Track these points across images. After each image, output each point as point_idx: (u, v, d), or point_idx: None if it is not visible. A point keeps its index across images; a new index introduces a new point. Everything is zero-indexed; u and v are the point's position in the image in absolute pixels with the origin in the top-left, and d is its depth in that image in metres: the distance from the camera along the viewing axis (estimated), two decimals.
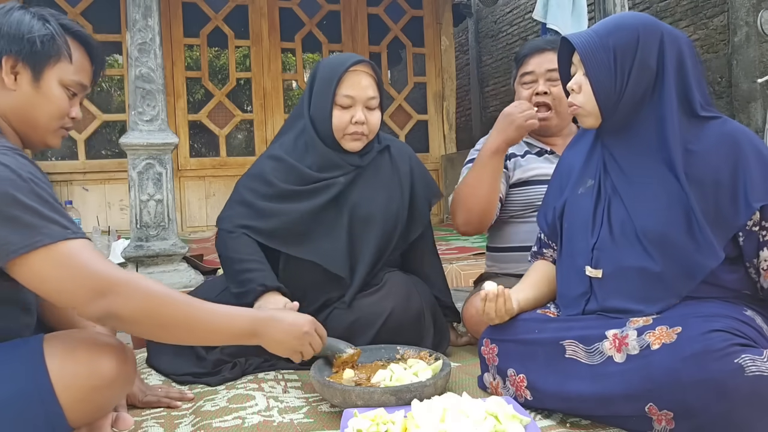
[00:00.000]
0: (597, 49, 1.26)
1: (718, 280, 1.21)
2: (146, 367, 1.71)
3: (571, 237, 1.38)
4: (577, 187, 1.41)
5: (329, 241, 1.69)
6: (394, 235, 1.75)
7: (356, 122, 1.68)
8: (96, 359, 1.04)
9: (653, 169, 1.25)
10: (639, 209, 1.24)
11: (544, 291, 1.47)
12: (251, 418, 1.32)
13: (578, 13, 3.65)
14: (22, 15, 1.09)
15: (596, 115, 1.30)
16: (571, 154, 1.50)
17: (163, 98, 2.63)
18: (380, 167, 1.79)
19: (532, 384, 1.28)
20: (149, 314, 1.04)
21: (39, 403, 1.00)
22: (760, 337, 1.12)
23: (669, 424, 1.09)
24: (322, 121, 1.71)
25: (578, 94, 1.31)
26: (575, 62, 1.33)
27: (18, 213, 0.95)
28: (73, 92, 1.15)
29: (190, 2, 5.12)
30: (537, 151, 1.92)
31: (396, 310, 1.61)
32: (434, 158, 5.87)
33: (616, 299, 1.25)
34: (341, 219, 1.70)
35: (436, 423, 1.08)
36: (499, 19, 7.96)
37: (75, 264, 0.97)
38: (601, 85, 1.26)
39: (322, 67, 1.75)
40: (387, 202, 1.75)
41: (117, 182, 4.75)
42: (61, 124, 1.15)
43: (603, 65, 1.25)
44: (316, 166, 1.73)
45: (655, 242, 1.21)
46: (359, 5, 5.63)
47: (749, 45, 4.66)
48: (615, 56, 1.25)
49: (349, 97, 1.68)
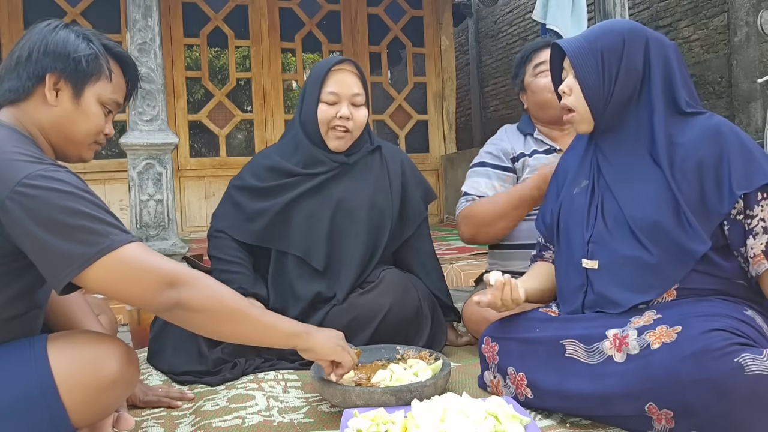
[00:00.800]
0: (585, 53, 1.31)
1: (716, 269, 1.22)
2: (147, 366, 1.71)
3: (568, 233, 1.41)
4: (572, 188, 1.44)
5: (308, 231, 1.73)
6: (383, 233, 1.77)
7: (341, 117, 1.72)
8: (100, 360, 1.05)
9: (642, 165, 1.29)
10: (630, 202, 1.28)
11: (547, 285, 1.50)
12: (251, 417, 1.32)
13: (578, 14, 3.65)
14: (68, 34, 1.13)
15: (589, 120, 1.35)
16: (568, 158, 1.54)
17: (163, 98, 2.63)
18: (369, 165, 1.83)
19: (532, 382, 1.28)
20: (214, 306, 1.07)
21: (43, 405, 1.00)
22: (760, 337, 1.12)
23: (669, 423, 1.09)
24: (310, 120, 1.76)
25: (570, 96, 1.35)
26: (566, 66, 1.37)
27: (83, 223, 0.98)
28: (109, 110, 1.18)
29: (190, 2, 5.12)
30: (545, 149, 1.93)
31: (394, 307, 1.63)
32: (434, 158, 5.87)
33: (612, 289, 1.27)
34: (325, 211, 1.74)
35: (436, 423, 1.08)
36: (499, 19, 7.96)
37: (144, 262, 1.02)
38: (590, 88, 1.31)
39: (311, 70, 1.82)
40: (373, 198, 1.78)
41: (117, 182, 4.75)
42: (96, 139, 1.18)
43: (591, 68, 1.31)
44: (301, 164, 1.79)
45: (646, 232, 1.23)
46: (359, 5, 5.63)
47: (749, 45, 4.66)
48: (602, 59, 1.31)
49: (334, 93, 1.73)
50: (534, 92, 1.94)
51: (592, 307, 1.31)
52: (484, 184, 1.91)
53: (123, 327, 2.20)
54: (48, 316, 1.27)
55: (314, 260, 1.71)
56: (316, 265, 1.70)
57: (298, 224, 1.73)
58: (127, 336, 2.04)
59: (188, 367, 1.62)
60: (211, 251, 1.81)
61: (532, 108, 1.98)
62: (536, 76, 1.92)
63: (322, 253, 1.71)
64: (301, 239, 1.72)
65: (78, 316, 1.30)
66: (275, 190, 1.77)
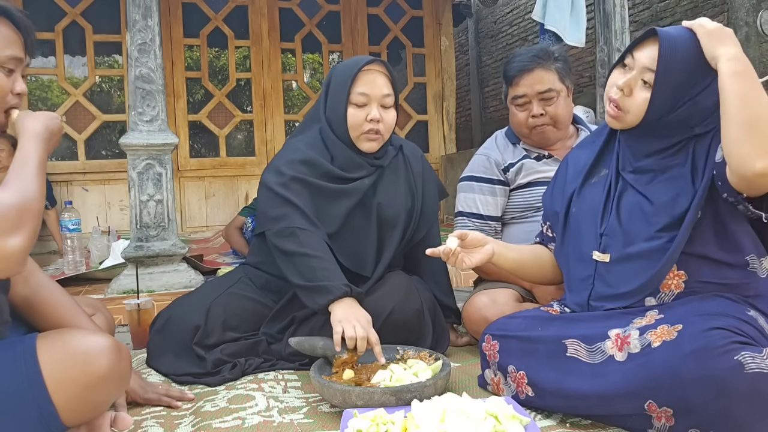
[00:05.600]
0: (675, 62, 1.22)
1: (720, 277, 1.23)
2: (146, 367, 1.71)
3: (579, 224, 1.41)
4: (589, 178, 1.44)
5: (358, 244, 1.70)
6: (407, 233, 1.77)
7: (371, 120, 1.66)
8: (89, 357, 1.04)
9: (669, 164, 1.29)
10: (651, 197, 1.28)
11: (528, 260, 1.54)
12: (251, 418, 1.32)
13: (577, 14, 3.65)
14: None
15: (634, 122, 1.30)
16: (581, 152, 1.53)
17: (163, 98, 2.63)
18: (397, 168, 1.80)
19: (533, 380, 1.28)
20: None
21: (32, 403, 0.99)
22: (760, 337, 1.12)
23: (669, 421, 1.09)
24: (338, 122, 1.70)
25: (627, 98, 1.29)
26: (640, 63, 1.27)
27: None
28: (9, 68, 1.10)
29: (190, 2, 5.12)
30: (536, 155, 1.93)
31: (396, 309, 1.62)
32: (434, 158, 5.87)
33: (622, 283, 1.28)
34: (370, 221, 1.71)
35: (436, 423, 1.08)
36: (499, 19, 7.96)
37: None
38: (659, 105, 1.25)
39: (337, 69, 1.75)
40: (406, 201, 1.77)
41: (117, 182, 4.74)
42: (6, 103, 1.11)
43: (671, 82, 1.22)
44: (338, 165, 1.71)
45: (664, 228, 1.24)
46: (359, 5, 5.63)
47: (749, 45, 4.66)
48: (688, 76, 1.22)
49: (364, 94, 1.66)
50: (512, 120, 1.95)
51: (598, 299, 1.32)
52: (479, 200, 1.92)
53: (123, 327, 2.20)
54: (38, 319, 1.26)
55: (365, 270, 1.69)
56: (368, 274, 1.69)
57: (349, 238, 1.69)
58: (126, 336, 2.03)
59: (188, 368, 1.61)
60: (291, 248, 1.56)
61: (512, 127, 1.98)
62: (516, 107, 1.91)
63: (371, 264, 1.70)
64: (351, 253, 1.69)
65: (69, 317, 1.27)
66: (325, 195, 1.67)
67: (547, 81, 1.84)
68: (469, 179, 1.96)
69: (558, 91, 1.85)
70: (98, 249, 3.20)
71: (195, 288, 2.06)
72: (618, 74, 1.32)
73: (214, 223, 5.05)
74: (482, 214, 1.91)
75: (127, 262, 2.60)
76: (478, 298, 1.76)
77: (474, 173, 1.95)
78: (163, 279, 2.56)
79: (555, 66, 1.86)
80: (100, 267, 2.93)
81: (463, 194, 1.96)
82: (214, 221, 5.06)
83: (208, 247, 4.20)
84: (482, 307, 1.73)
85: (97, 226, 3.33)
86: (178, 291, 2.50)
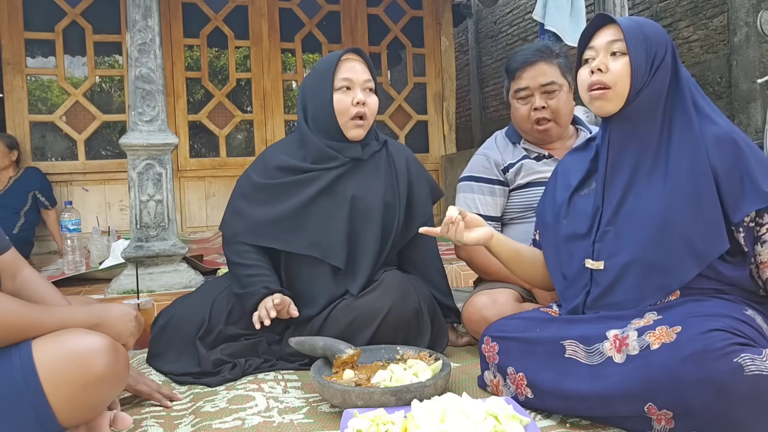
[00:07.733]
0: (637, 32, 1.29)
1: (720, 276, 1.23)
2: (146, 367, 1.71)
3: (573, 232, 1.40)
4: (580, 189, 1.44)
5: (325, 233, 1.71)
6: (392, 230, 1.76)
7: (357, 102, 1.72)
8: (85, 357, 1.03)
9: (658, 162, 1.28)
10: (642, 201, 1.27)
11: (524, 256, 1.55)
12: (251, 418, 1.32)
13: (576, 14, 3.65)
14: None
15: (622, 97, 1.31)
16: (573, 159, 1.53)
17: (163, 99, 2.63)
18: (378, 161, 1.82)
19: (532, 382, 1.28)
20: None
21: (29, 404, 0.99)
22: (759, 337, 1.12)
23: (668, 423, 1.09)
24: (323, 110, 1.73)
25: (606, 74, 1.31)
26: (601, 45, 1.33)
27: None
28: None
29: (190, 2, 5.12)
30: (535, 156, 1.93)
31: (393, 308, 1.62)
32: (434, 159, 5.87)
33: (618, 290, 1.27)
34: (340, 210, 1.72)
35: (436, 423, 1.08)
36: (499, 19, 7.96)
37: None
38: (638, 66, 1.28)
39: (317, 64, 1.82)
40: (385, 195, 1.77)
41: (117, 182, 4.75)
42: None
43: (641, 48, 1.28)
44: (310, 159, 1.77)
45: (657, 231, 1.23)
46: (359, 5, 5.63)
47: (749, 45, 4.66)
48: (650, 44, 1.29)
49: (347, 79, 1.73)
50: (514, 115, 1.95)
51: (593, 307, 1.31)
52: (479, 201, 1.92)
53: None
54: None
55: (335, 260, 1.69)
56: (338, 264, 1.69)
57: (315, 226, 1.71)
58: None
59: (188, 368, 1.62)
60: (230, 257, 1.76)
61: (514, 123, 1.98)
62: (517, 100, 1.91)
63: (342, 254, 1.70)
64: (318, 241, 1.70)
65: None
66: (287, 191, 1.74)
67: (550, 74, 1.85)
68: (469, 179, 1.96)
69: (560, 85, 1.86)
70: (98, 249, 3.19)
71: (195, 288, 2.06)
72: (584, 70, 1.36)
73: (214, 223, 5.05)
74: (482, 214, 1.91)
75: (127, 262, 2.60)
76: (478, 298, 1.76)
77: (474, 173, 1.95)
78: (163, 279, 2.56)
79: (557, 61, 1.87)
80: (100, 267, 2.93)
81: (463, 194, 1.96)
82: (214, 221, 5.06)
83: (208, 247, 4.20)
84: (482, 307, 1.73)
85: (97, 226, 3.33)
86: (178, 291, 2.50)
